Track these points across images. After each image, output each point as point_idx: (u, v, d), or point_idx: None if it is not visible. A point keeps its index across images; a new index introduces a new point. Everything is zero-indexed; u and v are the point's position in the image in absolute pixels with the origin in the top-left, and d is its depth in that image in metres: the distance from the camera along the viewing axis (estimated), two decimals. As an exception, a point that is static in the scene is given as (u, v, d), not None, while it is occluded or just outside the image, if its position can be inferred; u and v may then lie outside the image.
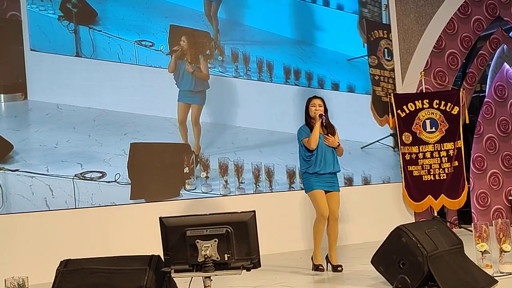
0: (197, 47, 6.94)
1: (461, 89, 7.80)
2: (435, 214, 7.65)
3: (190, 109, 6.86)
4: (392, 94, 7.77)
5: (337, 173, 5.56)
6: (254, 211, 3.56)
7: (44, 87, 6.23)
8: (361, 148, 7.75)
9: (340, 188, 5.57)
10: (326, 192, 5.46)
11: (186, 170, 6.76)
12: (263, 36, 7.38)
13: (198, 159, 6.83)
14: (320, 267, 5.41)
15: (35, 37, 6.23)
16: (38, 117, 6.20)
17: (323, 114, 5.43)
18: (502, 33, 8.44)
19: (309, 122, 5.50)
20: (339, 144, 5.51)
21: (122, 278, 3.70)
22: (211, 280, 3.50)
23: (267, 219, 6.00)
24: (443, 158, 7.62)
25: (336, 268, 5.39)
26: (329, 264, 5.46)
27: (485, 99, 8.33)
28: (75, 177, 6.24)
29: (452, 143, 7.61)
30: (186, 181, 6.76)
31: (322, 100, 5.54)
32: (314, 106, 5.47)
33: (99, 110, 6.45)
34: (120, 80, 6.56)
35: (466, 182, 7.68)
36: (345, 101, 7.69)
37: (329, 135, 5.46)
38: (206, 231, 3.46)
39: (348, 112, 7.65)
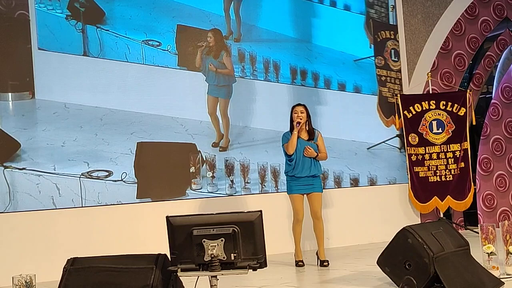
0: (222, 43, 7.04)
1: (468, 91, 7.77)
2: (441, 215, 7.64)
3: (218, 102, 7.00)
4: (398, 95, 7.75)
5: (319, 176, 5.90)
6: (260, 211, 3.57)
7: (51, 86, 6.26)
8: (367, 149, 7.75)
9: (323, 189, 5.98)
10: (306, 194, 5.85)
11: (192, 169, 6.77)
12: (270, 36, 7.39)
13: (227, 153, 6.92)
14: (300, 263, 5.89)
15: (43, 36, 6.26)
16: (45, 116, 6.23)
17: (300, 122, 5.76)
18: (509, 34, 8.41)
19: (292, 128, 5.89)
20: (317, 155, 5.83)
21: (129, 277, 3.71)
22: (218, 279, 3.51)
23: (272, 219, 6.00)
24: (449, 159, 7.61)
25: (322, 263, 5.80)
26: (318, 260, 5.92)
27: (492, 101, 8.30)
28: (81, 176, 6.26)
29: (459, 144, 7.60)
30: (192, 180, 6.77)
31: (305, 107, 5.93)
32: (296, 113, 5.88)
33: (106, 109, 6.47)
34: (127, 80, 6.59)
35: (472, 184, 7.65)
36: (351, 101, 7.69)
37: (308, 147, 5.79)
38: (213, 230, 3.46)
39: (355, 113, 7.65)
